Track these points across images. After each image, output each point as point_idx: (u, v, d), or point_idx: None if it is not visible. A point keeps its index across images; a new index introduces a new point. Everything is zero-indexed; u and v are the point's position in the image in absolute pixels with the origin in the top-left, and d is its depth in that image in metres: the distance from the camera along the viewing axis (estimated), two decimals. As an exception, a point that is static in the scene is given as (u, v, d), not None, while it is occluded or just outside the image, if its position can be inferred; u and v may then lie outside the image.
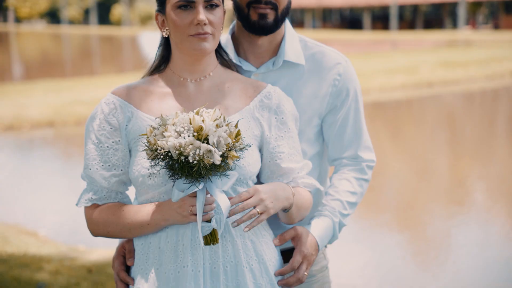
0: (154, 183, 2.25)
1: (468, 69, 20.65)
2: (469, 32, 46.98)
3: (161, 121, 2.10)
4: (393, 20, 51.77)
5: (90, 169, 2.35)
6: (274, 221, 2.53)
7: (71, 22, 73.45)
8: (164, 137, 2.04)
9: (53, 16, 75.21)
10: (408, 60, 23.22)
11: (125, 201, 2.41)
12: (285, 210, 2.37)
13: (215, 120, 2.07)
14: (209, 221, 2.16)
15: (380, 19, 58.95)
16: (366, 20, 54.87)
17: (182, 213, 2.17)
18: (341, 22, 58.96)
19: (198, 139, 2.03)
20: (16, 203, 8.50)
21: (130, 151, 2.35)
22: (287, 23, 2.66)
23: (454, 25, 59.27)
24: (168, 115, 2.14)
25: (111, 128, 2.33)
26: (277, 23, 2.55)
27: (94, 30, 63.00)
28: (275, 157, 2.38)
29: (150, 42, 48.09)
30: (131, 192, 2.45)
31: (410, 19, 61.01)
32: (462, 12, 49.77)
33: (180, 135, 2.02)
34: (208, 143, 2.04)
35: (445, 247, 6.66)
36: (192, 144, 2.01)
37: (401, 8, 59.40)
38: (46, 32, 61.73)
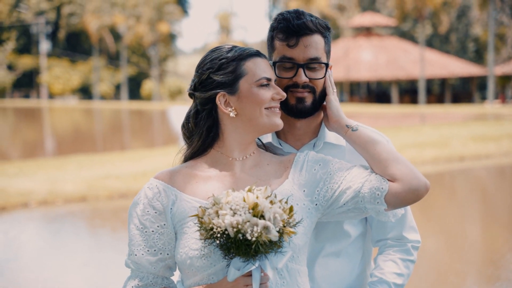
0: (203, 264, 2.22)
1: (501, 143, 20.51)
2: (499, 106, 46.87)
3: (213, 200, 2.11)
4: (421, 93, 51.94)
5: (135, 255, 2.33)
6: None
7: (103, 97, 74.76)
8: (219, 216, 2.05)
9: (85, 91, 76.65)
10: (438, 134, 23.17)
11: (171, 287, 2.38)
12: None
13: (267, 197, 2.09)
14: (263, 300, 2.14)
15: (408, 93, 59.13)
16: (394, 93, 55.05)
17: None
18: (368, 95, 59.17)
19: (254, 216, 2.04)
20: (46, 279, 8.48)
21: (175, 234, 2.33)
22: None
23: (483, 99, 59.16)
24: (220, 195, 2.15)
25: (155, 213, 2.32)
26: (315, 106, 2.56)
27: (125, 105, 64.01)
28: (342, 195, 2.36)
29: (179, 116, 48.61)
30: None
31: (438, 93, 61.14)
32: (491, 86, 49.74)
33: (235, 213, 2.04)
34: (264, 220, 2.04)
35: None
36: (249, 221, 2.01)
37: (429, 82, 59.59)
38: (78, 107, 62.79)
